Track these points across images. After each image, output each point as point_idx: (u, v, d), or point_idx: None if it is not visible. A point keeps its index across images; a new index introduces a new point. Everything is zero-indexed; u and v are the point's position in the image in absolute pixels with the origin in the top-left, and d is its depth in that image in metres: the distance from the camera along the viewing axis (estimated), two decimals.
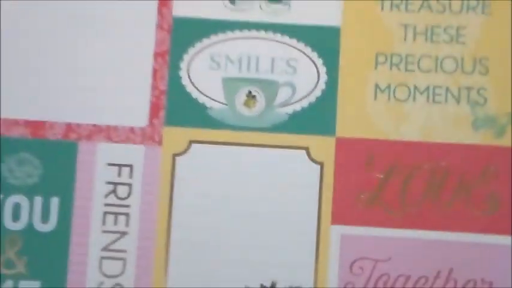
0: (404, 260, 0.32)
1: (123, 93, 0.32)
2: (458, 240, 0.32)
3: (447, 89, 0.33)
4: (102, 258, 0.32)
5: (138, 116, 0.32)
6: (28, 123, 0.32)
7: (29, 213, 0.32)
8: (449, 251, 0.32)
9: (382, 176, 0.32)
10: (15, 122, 0.32)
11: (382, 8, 0.33)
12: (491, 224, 0.32)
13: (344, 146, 0.32)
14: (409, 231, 0.32)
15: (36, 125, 0.32)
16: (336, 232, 0.32)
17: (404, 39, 0.33)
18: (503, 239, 0.32)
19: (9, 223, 0.31)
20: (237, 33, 0.33)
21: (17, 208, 0.32)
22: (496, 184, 0.32)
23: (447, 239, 0.32)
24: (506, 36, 0.33)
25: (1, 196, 0.32)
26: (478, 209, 0.32)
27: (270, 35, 0.33)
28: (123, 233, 0.32)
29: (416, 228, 0.32)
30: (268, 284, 0.32)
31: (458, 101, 0.33)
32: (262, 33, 0.33)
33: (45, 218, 0.32)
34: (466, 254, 0.32)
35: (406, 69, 0.33)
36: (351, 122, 0.32)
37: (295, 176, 0.32)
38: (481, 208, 0.32)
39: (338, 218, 0.32)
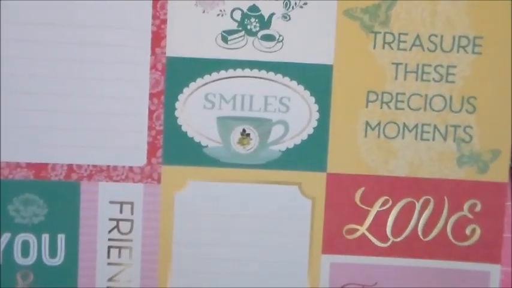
0: (389, 285, 0.35)
1: (122, 134, 0.33)
2: (439, 267, 0.35)
3: (435, 127, 0.34)
4: None
5: (137, 155, 0.34)
6: (30, 166, 0.33)
7: (37, 249, 0.34)
8: (431, 277, 0.35)
9: (370, 209, 0.34)
10: (18, 165, 0.33)
11: (374, 47, 0.34)
12: (471, 253, 0.34)
13: (335, 182, 0.34)
14: (394, 259, 0.35)
15: (38, 167, 0.33)
16: (326, 260, 0.34)
17: (396, 78, 0.34)
18: (480, 266, 0.35)
19: (19, 259, 0.34)
20: (231, 72, 0.34)
21: (25, 245, 0.34)
22: (478, 217, 0.34)
23: (429, 266, 0.35)
24: (495, 76, 0.33)
25: (10, 235, 0.33)
26: (459, 239, 0.34)
27: (263, 73, 0.34)
28: (128, 265, 0.34)
29: (400, 256, 0.35)
30: None
31: (445, 138, 0.34)
32: (255, 72, 0.34)
33: (53, 253, 0.34)
34: (446, 280, 0.35)
35: (396, 107, 0.34)
36: (341, 159, 0.34)
37: (288, 210, 0.34)
38: (462, 238, 0.34)
39: (328, 247, 0.34)
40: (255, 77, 0.34)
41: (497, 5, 0.33)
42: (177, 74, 0.33)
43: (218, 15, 0.33)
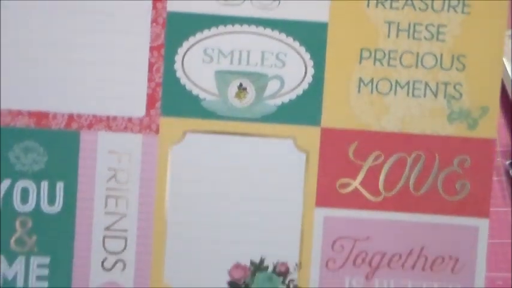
0: (380, 239, 0.36)
1: (122, 85, 0.35)
2: (429, 221, 0.36)
3: (426, 84, 0.35)
4: (105, 237, 0.35)
5: (136, 106, 0.35)
6: (32, 114, 0.34)
7: (36, 196, 0.35)
8: (422, 231, 0.36)
9: (363, 163, 0.35)
10: (19, 113, 0.34)
11: (368, 5, 0.35)
12: (460, 207, 0.36)
13: (328, 136, 0.35)
14: (385, 213, 0.36)
15: (39, 116, 0.34)
16: (319, 214, 0.35)
17: (388, 36, 0.35)
18: (469, 221, 0.36)
19: (18, 206, 0.35)
20: (229, 28, 0.35)
21: (25, 192, 0.35)
22: (467, 172, 0.36)
23: (420, 220, 0.36)
24: (484, 35, 0.35)
25: (10, 181, 0.34)
26: (448, 193, 0.36)
27: (261, 29, 0.35)
28: (124, 215, 0.35)
29: (392, 210, 0.36)
30: (257, 260, 0.35)
31: (435, 95, 0.35)
32: (253, 28, 0.35)
33: (51, 201, 0.35)
34: (436, 234, 0.36)
35: (389, 64, 0.35)
36: (335, 114, 0.35)
37: (282, 163, 0.35)
38: (451, 193, 0.36)
39: (321, 201, 0.35)
40: (253, 33, 0.35)
41: None
42: (177, 29, 0.35)
43: None
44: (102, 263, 0.35)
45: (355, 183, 0.36)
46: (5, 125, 0.34)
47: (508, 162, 0.45)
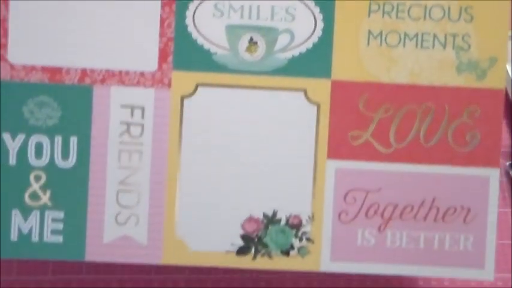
0: (392, 191, 0.36)
1: (134, 40, 0.35)
2: (441, 172, 0.36)
3: (434, 36, 0.36)
4: (119, 191, 0.35)
5: (148, 61, 0.35)
6: (45, 69, 0.35)
7: (50, 151, 0.35)
8: (433, 182, 0.36)
9: (373, 115, 0.36)
10: (33, 68, 0.35)
11: None
12: (471, 158, 0.36)
13: (339, 88, 0.36)
14: (397, 164, 0.36)
15: (53, 71, 0.35)
16: (331, 166, 0.36)
17: None
18: (480, 171, 0.36)
19: (33, 160, 0.35)
20: None
21: (39, 147, 0.35)
22: (477, 122, 0.36)
23: (431, 171, 0.36)
24: None
25: (24, 136, 0.35)
26: (459, 144, 0.36)
27: None
28: (137, 169, 0.35)
29: (404, 162, 0.36)
30: (270, 213, 0.36)
31: (444, 46, 0.36)
32: None
33: (65, 155, 0.35)
34: (447, 184, 0.36)
35: (397, 17, 0.36)
36: (345, 66, 0.36)
37: (293, 115, 0.36)
38: (462, 144, 0.36)
39: (333, 153, 0.36)
40: None
41: None
42: None
43: None
44: (116, 217, 0.35)
45: (366, 135, 0.36)
46: (19, 80, 0.35)
47: (508, 163, 0.46)
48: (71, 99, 0.35)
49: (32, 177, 0.35)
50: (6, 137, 0.35)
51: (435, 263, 0.36)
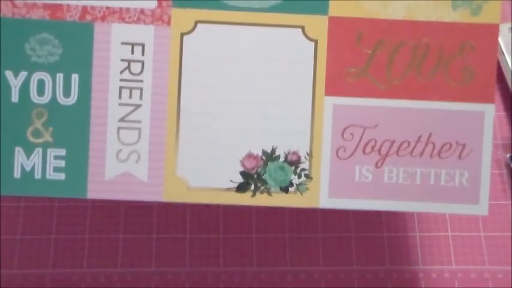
0: (389, 127, 0.38)
1: None
2: (437, 108, 0.38)
3: None
4: (120, 128, 0.37)
5: None
6: (47, 6, 0.36)
7: (52, 88, 0.36)
8: (429, 118, 0.38)
9: (370, 51, 0.37)
10: (35, 5, 0.36)
11: None
12: (466, 93, 0.38)
13: (336, 24, 0.37)
14: (393, 100, 0.38)
15: (54, 8, 0.36)
16: (329, 102, 0.37)
17: None
18: (475, 106, 0.38)
19: (35, 97, 0.36)
20: None
21: (41, 84, 0.36)
22: (472, 58, 0.37)
23: (427, 107, 0.38)
24: None
25: (26, 73, 0.36)
26: (455, 80, 0.38)
27: None
28: (138, 106, 0.37)
29: (400, 98, 0.38)
30: (269, 149, 0.37)
31: None
32: None
33: (67, 92, 0.37)
34: (443, 120, 0.38)
35: None
36: (342, 2, 0.37)
37: (291, 52, 0.37)
38: (457, 79, 0.38)
39: (331, 90, 0.37)
40: None
41: None
42: None
43: None
44: (117, 154, 0.37)
45: (363, 71, 0.38)
46: (21, 17, 0.36)
47: (508, 156, 0.47)
48: (72, 37, 0.37)
49: (34, 115, 0.37)
50: (9, 74, 0.36)
51: (431, 199, 0.38)
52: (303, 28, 0.37)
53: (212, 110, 0.37)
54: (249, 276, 0.46)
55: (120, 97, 0.37)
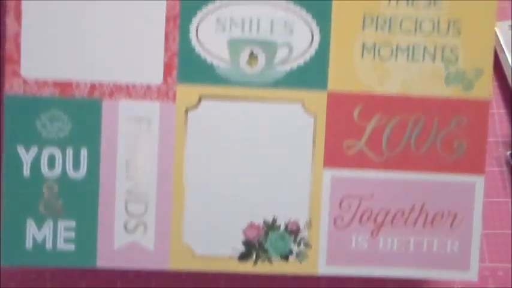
0: (384, 197, 0.40)
1: (140, 55, 0.38)
2: (429, 179, 0.40)
3: (424, 48, 0.39)
4: (127, 200, 0.39)
5: (154, 75, 0.39)
6: (56, 84, 0.38)
7: (62, 162, 0.38)
8: (422, 189, 0.40)
9: (367, 125, 0.39)
10: (45, 83, 0.38)
11: None
12: (458, 165, 0.40)
13: (334, 99, 0.39)
14: (389, 172, 0.40)
15: (63, 85, 0.38)
16: (327, 174, 0.40)
17: (389, 3, 0.39)
18: (466, 178, 0.40)
19: (46, 172, 0.38)
20: None
21: (51, 158, 0.38)
22: (463, 131, 0.40)
23: (421, 178, 0.40)
24: (478, 1, 0.39)
25: (37, 149, 0.38)
26: (447, 152, 0.40)
27: None
28: (144, 178, 0.39)
29: (395, 169, 0.40)
30: (270, 219, 0.39)
31: (433, 59, 0.39)
32: None
33: (76, 166, 0.38)
34: (436, 190, 0.40)
35: (390, 31, 0.39)
36: (340, 78, 0.39)
37: (292, 126, 0.39)
38: (449, 152, 0.40)
39: (329, 162, 0.39)
40: (262, 2, 0.39)
41: None
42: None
43: None
44: (125, 225, 0.39)
45: (360, 144, 0.40)
46: (32, 95, 0.38)
47: (508, 153, 0.48)
48: (81, 113, 0.38)
49: (45, 188, 0.38)
50: (21, 149, 0.38)
51: (424, 265, 0.40)
52: (302, 103, 0.39)
53: (216, 182, 0.39)
54: None
55: (127, 170, 0.39)
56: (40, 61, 0.38)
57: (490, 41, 0.39)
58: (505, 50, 0.50)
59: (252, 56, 0.39)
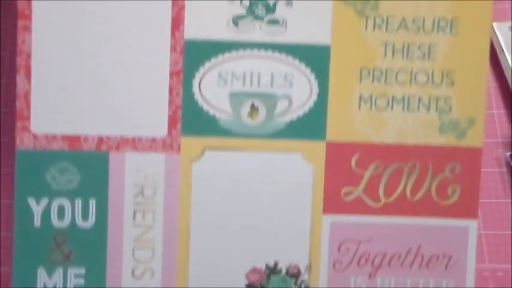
0: (382, 240, 0.42)
1: (145, 109, 0.40)
2: (425, 223, 0.42)
3: (419, 99, 0.41)
4: (135, 247, 0.40)
5: (159, 127, 0.40)
6: (65, 138, 0.40)
7: (71, 213, 0.40)
8: (418, 232, 0.42)
9: (364, 173, 0.41)
10: (54, 137, 0.40)
11: (366, 28, 0.41)
12: (452, 210, 0.42)
13: (333, 149, 0.41)
14: (386, 217, 0.42)
15: (72, 139, 0.40)
16: (326, 220, 0.41)
17: (385, 56, 0.41)
18: (460, 222, 0.42)
19: (55, 222, 0.40)
20: (241, 52, 0.40)
21: (61, 209, 0.40)
22: (457, 178, 0.41)
23: (416, 223, 0.42)
24: (470, 53, 0.41)
25: (47, 200, 0.40)
26: (441, 197, 0.42)
27: (269, 53, 0.40)
28: (151, 226, 0.41)
29: (391, 214, 0.42)
30: (271, 263, 0.41)
31: (428, 109, 0.41)
32: (262, 52, 0.40)
33: (85, 216, 0.40)
34: (431, 234, 0.42)
35: (386, 82, 0.41)
36: (338, 129, 0.41)
37: (292, 174, 0.41)
38: (444, 197, 0.42)
39: (328, 208, 0.41)
40: (262, 57, 0.40)
41: None
42: (193, 55, 0.40)
43: (229, 2, 0.40)
44: (133, 271, 0.41)
45: (358, 191, 0.41)
46: (42, 149, 0.40)
47: (509, 154, 0.48)
48: (89, 165, 0.40)
49: (54, 238, 0.40)
50: (31, 201, 0.40)
51: None
52: (302, 152, 0.41)
53: (220, 229, 0.41)
54: None
55: (134, 219, 0.41)
56: (49, 117, 0.40)
57: (482, 92, 0.41)
58: (505, 50, 0.50)
59: (253, 108, 0.41)
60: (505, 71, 0.50)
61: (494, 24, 0.51)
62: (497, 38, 0.51)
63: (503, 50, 0.51)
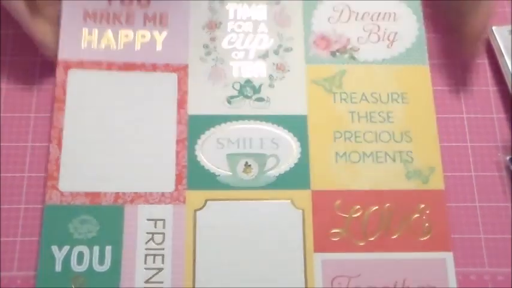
0: (370, 275, 0.46)
1: (156, 169, 0.48)
2: (407, 258, 0.47)
3: (386, 153, 0.49)
4: None
5: (167, 184, 0.47)
6: (87, 194, 0.46)
7: (89, 258, 0.45)
8: (402, 266, 0.46)
9: (347, 216, 0.47)
10: (78, 194, 0.46)
11: (334, 101, 0.50)
12: (428, 245, 0.47)
13: (318, 196, 0.48)
14: (371, 254, 0.47)
15: (93, 195, 0.47)
16: (317, 258, 0.46)
17: (352, 121, 0.50)
18: (437, 255, 0.47)
19: (75, 266, 0.45)
20: (235, 123, 0.49)
21: (80, 255, 0.45)
22: (427, 216, 0.48)
23: (399, 257, 0.47)
24: (420, 116, 0.50)
25: (69, 247, 0.45)
26: (417, 234, 0.47)
27: (258, 123, 0.49)
28: (160, 269, 0.45)
29: (376, 251, 0.47)
30: None
31: (394, 160, 0.49)
32: (252, 122, 0.49)
33: (101, 261, 0.45)
34: (413, 267, 0.46)
35: (356, 141, 0.49)
36: (320, 179, 0.48)
37: (283, 219, 0.47)
38: (419, 233, 0.47)
39: (318, 247, 0.47)
40: (252, 126, 0.49)
41: (417, 69, 0.51)
42: (196, 126, 0.49)
43: (224, 86, 0.50)
44: None
45: (344, 232, 0.47)
46: (67, 204, 0.46)
47: (508, 158, 0.48)
48: (107, 217, 0.46)
49: (73, 280, 0.44)
50: (54, 249, 0.45)
51: None
52: (291, 200, 0.48)
53: (221, 269, 0.46)
54: None
55: (145, 262, 0.45)
56: (75, 177, 0.47)
57: (436, 145, 0.50)
58: (505, 54, 0.50)
59: (247, 166, 0.48)
60: (504, 75, 0.50)
61: (493, 28, 0.51)
62: (497, 42, 0.50)
63: (502, 53, 0.50)
